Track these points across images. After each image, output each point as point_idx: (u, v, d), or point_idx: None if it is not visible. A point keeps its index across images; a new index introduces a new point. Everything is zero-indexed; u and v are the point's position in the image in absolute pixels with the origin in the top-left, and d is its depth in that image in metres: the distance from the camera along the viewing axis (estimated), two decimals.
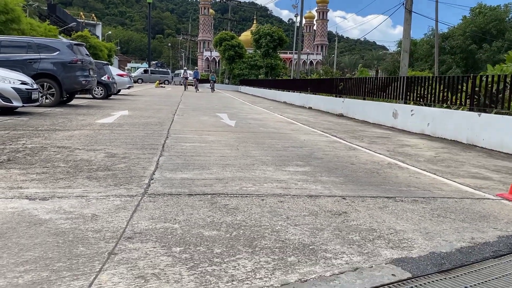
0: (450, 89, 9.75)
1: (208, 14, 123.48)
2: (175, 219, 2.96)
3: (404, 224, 3.08)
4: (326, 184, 4.32)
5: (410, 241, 2.71)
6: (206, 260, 2.28)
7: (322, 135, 8.83)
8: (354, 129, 10.58)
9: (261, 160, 5.50)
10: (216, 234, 2.68)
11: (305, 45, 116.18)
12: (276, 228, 2.86)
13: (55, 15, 37.61)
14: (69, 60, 12.05)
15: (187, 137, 7.33)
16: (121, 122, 9.00)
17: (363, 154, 6.54)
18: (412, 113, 10.63)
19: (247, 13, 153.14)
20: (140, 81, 52.41)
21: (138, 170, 4.52)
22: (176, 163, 5.01)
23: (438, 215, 3.37)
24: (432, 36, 46.04)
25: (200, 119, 10.71)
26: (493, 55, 40.21)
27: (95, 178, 4.07)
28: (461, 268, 2.33)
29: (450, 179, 4.88)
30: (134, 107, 13.82)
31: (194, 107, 15.34)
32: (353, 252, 2.49)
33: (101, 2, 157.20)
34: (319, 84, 20.46)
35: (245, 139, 7.43)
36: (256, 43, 47.90)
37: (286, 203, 3.51)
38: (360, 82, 14.73)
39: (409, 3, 17.51)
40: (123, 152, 5.53)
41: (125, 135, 7.12)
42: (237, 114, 13.30)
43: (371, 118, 12.88)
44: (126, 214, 3.04)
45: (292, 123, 11.24)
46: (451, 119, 9.19)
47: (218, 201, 3.47)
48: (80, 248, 2.37)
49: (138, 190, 3.71)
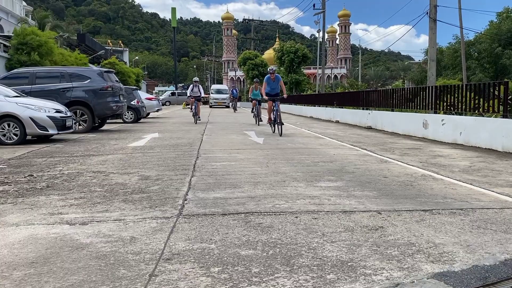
0: (481, 96, 9.53)
1: (231, 34, 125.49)
2: (211, 239, 2.99)
3: (443, 237, 3.01)
4: (359, 198, 4.27)
5: (451, 255, 2.64)
6: (245, 279, 2.29)
7: (352, 148, 8.75)
8: (384, 141, 10.44)
9: (291, 176, 5.50)
10: (253, 253, 2.69)
11: (328, 60, 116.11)
12: (313, 245, 2.84)
13: (84, 44, 39.08)
14: (100, 87, 12.47)
15: (217, 156, 7.42)
16: (152, 145, 9.20)
17: (395, 166, 6.44)
18: (443, 123, 10.41)
19: (269, 31, 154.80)
20: (168, 103, 53.44)
21: (172, 192, 4.60)
22: (208, 182, 5.07)
23: (478, 226, 3.28)
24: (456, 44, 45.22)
25: (229, 138, 10.81)
26: None
27: (131, 201, 4.16)
28: (507, 281, 2.25)
29: (488, 189, 4.74)
30: (163, 129, 14.10)
31: (221, 126, 15.51)
32: (393, 267, 2.44)
33: (127, 29, 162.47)
34: (345, 98, 20.37)
35: (274, 156, 7.45)
36: (279, 60, 48.25)
37: (321, 219, 3.49)
38: (388, 94, 14.58)
39: (433, 12, 17.34)
40: (156, 174, 5.65)
41: (157, 157, 7.27)
42: (264, 131, 13.34)
43: (401, 129, 12.68)
44: (163, 235, 3.09)
45: (320, 138, 11.19)
46: (484, 127, 8.95)
47: (252, 219, 3.48)
48: (122, 271, 2.42)
49: (173, 211, 3.78)
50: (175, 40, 71.65)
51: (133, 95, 18.01)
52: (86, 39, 41.63)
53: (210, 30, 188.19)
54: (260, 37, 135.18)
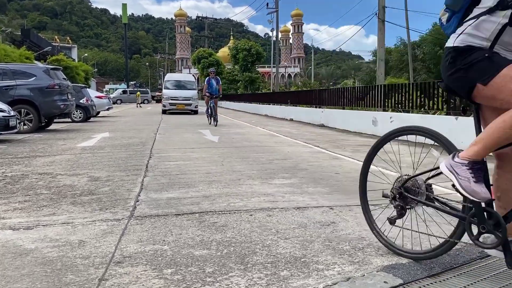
0: (427, 94, 9.98)
1: (185, 32, 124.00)
2: (164, 240, 2.94)
3: (392, 231, 3.11)
4: (313, 195, 4.35)
5: None
6: (199, 280, 2.26)
7: (306, 146, 8.90)
8: (336, 138, 10.69)
9: (246, 174, 5.51)
10: (207, 253, 2.67)
11: (282, 59, 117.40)
12: (267, 242, 2.86)
13: (29, 40, 37.24)
14: (46, 85, 11.93)
15: (171, 155, 7.30)
16: (102, 145, 8.91)
17: (346, 163, 6.61)
18: (391, 120, 10.81)
19: (223, 29, 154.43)
20: (119, 101, 52.14)
21: (123, 193, 4.47)
22: (161, 183, 4.97)
23: (426, 219, 3.42)
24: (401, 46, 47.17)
25: (183, 137, 10.68)
26: None
27: (80, 204, 4.01)
28: (450, 270, 2.37)
29: (435, 184, 4.96)
30: (114, 128, 13.71)
31: (175, 125, 15.29)
32: (344, 262, 2.50)
33: (76, 25, 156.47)
34: (299, 96, 20.69)
35: (229, 154, 7.43)
36: (233, 58, 48.29)
37: (275, 216, 3.52)
38: (339, 92, 14.95)
39: (382, 13, 17.96)
40: (106, 175, 5.47)
41: (107, 158, 7.05)
42: (219, 129, 13.30)
43: (352, 127, 13.05)
44: (113, 238, 2.99)
45: (275, 136, 11.30)
46: (429, 124, 9.32)
47: (207, 219, 3.45)
48: (70, 276, 2.32)
49: (124, 213, 3.67)
50: (126, 37, 69.85)
51: (82, 93, 17.40)
52: (31, 35, 39.70)
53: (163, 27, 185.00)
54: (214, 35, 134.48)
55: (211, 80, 15.17)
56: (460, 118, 8.48)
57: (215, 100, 15.05)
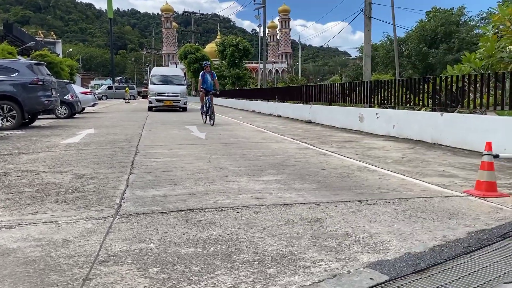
0: (413, 91, 10.06)
1: (171, 27, 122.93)
2: (150, 238, 2.91)
3: (378, 227, 3.13)
4: (299, 191, 4.35)
5: (385, 244, 2.76)
6: (185, 279, 2.24)
7: (293, 142, 8.91)
8: (323, 134, 10.73)
9: (234, 171, 5.49)
10: (193, 251, 2.65)
11: (270, 54, 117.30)
12: (254, 240, 2.85)
13: (11, 35, 36.50)
14: (30, 81, 11.71)
15: (157, 152, 7.23)
16: (87, 141, 8.79)
17: (333, 159, 6.63)
18: (377, 116, 10.89)
19: (210, 25, 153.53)
20: (105, 97, 51.56)
21: (108, 190, 4.41)
22: (147, 180, 4.92)
23: (410, 215, 3.45)
24: (388, 42, 47.53)
25: (169, 133, 10.59)
26: (441, 57, 41.86)
27: (64, 202, 3.95)
28: (435, 266, 2.39)
29: (418, 179, 5.01)
30: (100, 124, 13.54)
31: (162, 121, 15.17)
32: (331, 259, 2.51)
33: (60, 20, 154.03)
34: (286, 92, 20.69)
35: (216, 151, 7.40)
36: (221, 54, 48.02)
37: (262, 213, 3.51)
38: (326, 88, 14.99)
39: (368, 9, 18.03)
40: (91, 173, 5.40)
41: (92, 155, 6.96)
42: (207, 125, 13.23)
43: (338, 123, 13.10)
44: (98, 237, 2.95)
45: (263, 132, 11.28)
46: (415, 120, 9.47)
47: (193, 216, 3.43)
48: (53, 276, 2.29)
49: (109, 211, 3.62)
50: (111, 32, 68.97)
51: (66, 89, 17.12)
52: (13, 29, 38.89)
53: (149, 22, 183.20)
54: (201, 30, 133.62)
55: (205, 75, 13.59)
56: (445, 115, 8.56)
57: (211, 97, 13.47)
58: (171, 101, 21.90)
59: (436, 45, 43.47)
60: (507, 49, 10.21)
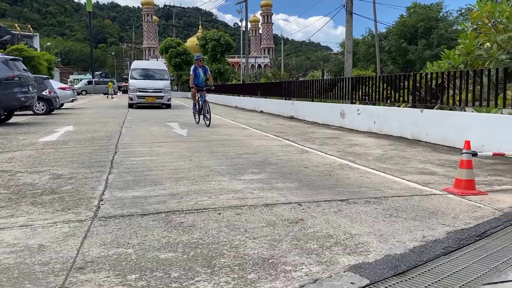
0: (393, 87, 10.15)
1: (152, 21, 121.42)
2: (129, 243, 2.85)
3: (359, 228, 3.14)
4: (281, 190, 4.34)
5: (366, 245, 2.76)
6: (164, 286, 2.20)
7: (275, 139, 8.89)
8: (305, 131, 10.75)
9: (215, 170, 5.44)
10: (173, 256, 2.60)
11: (252, 49, 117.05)
12: (235, 243, 2.82)
13: None
14: (5, 77, 11.41)
15: (137, 150, 7.13)
16: (65, 139, 8.61)
17: (315, 156, 6.64)
18: (358, 113, 10.96)
19: (192, 18, 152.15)
20: (84, 92, 50.70)
21: (87, 191, 4.32)
22: (127, 180, 4.84)
23: (390, 215, 3.47)
24: (369, 37, 47.94)
25: (150, 130, 10.46)
26: (421, 53, 42.48)
27: (41, 204, 3.85)
28: (415, 268, 2.40)
29: (399, 177, 5.06)
30: (79, 121, 13.29)
31: (143, 118, 14.98)
32: (312, 262, 2.49)
33: (37, 13, 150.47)
34: (269, 88, 20.66)
35: (198, 149, 7.33)
36: (202, 48, 47.67)
37: (243, 215, 3.48)
38: (308, 84, 15.01)
39: (350, 5, 18.10)
40: (69, 172, 5.29)
41: (70, 153, 6.82)
42: (188, 122, 13.12)
43: (320, 119, 13.15)
44: (75, 241, 2.88)
45: (245, 129, 11.24)
46: (395, 116, 9.56)
47: (173, 219, 3.38)
48: (27, 285, 2.22)
49: (87, 213, 3.55)
50: (90, 26, 67.58)
51: (44, 84, 16.77)
52: None
53: (129, 15, 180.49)
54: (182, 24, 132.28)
55: (198, 70, 12.23)
56: (425, 111, 8.67)
57: (204, 94, 12.20)
58: (153, 97, 20.47)
59: (416, 40, 44.02)
60: (485, 46, 10.38)
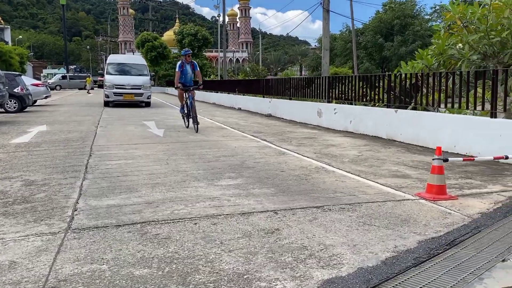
0: (369, 87, 10.29)
1: (128, 14, 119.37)
2: (103, 258, 2.82)
3: (333, 237, 3.19)
4: (258, 197, 4.36)
5: (339, 257, 2.81)
6: None
7: (253, 140, 8.91)
8: (283, 130, 10.80)
9: (192, 175, 5.42)
10: (148, 272, 2.59)
11: (230, 43, 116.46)
12: (210, 257, 2.82)
13: None
14: None
15: (112, 153, 7.04)
16: (39, 141, 8.42)
17: (292, 159, 6.69)
18: (335, 112, 11.07)
19: (169, 11, 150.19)
20: (59, 87, 49.57)
21: (60, 200, 4.25)
22: (101, 187, 4.78)
23: (364, 223, 3.54)
24: (347, 32, 48.41)
25: (126, 130, 10.33)
26: (397, 49, 43.21)
27: (12, 214, 3.77)
28: (386, 282, 2.46)
29: (373, 180, 5.15)
30: (52, 120, 13.00)
31: (118, 116, 14.75)
32: (286, 277, 2.52)
33: (8, 4, 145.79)
34: (247, 85, 20.64)
35: (174, 151, 7.29)
36: (179, 43, 47.20)
37: (220, 225, 3.49)
38: (286, 83, 15.06)
39: (327, 3, 18.20)
40: (42, 178, 5.19)
41: (44, 157, 6.68)
42: (165, 121, 13.02)
43: (298, 117, 13.23)
44: (48, 257, 2.84)
45: (223, 128, 11.22)
46: (371, 116, 9.70)
47: (149, 230, 3.36)
48: None
49: (60, 225, 3.49)
50: (64, 18, 66.02)
51: (16, 81, 16.30)
52: None
53: (105, 8, 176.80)
54: (159, 17, 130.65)
55: (185, 66, 10.71)
56: (399, 111, 8.82)
57: (192, 93, 10.59)
58: (132, 94, 18.85)
59: (392, 37, 44.68)
60: (457, 46, 10.62)
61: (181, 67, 10.70)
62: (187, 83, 10.83)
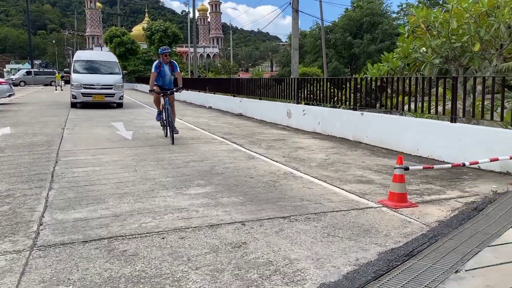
0: (337, 89, 10.49)
1: (95, 7, 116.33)
2: (69, 278, 2.82)
3: (298, 251, 3.29)
4: (226, 207, 4.42)
5: (303, 272, 2.91)
6: None
7: (223, 142, 8.94)
8: (253, 131, 10.87)
9: (161, 183, 5.42)
10: None
11: (200, 39, 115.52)
12: (177, 275, 2.87)
13: None
14: None
15: (79, 159, 6.93)
16: (2, 146, 8.19)
17: (261, 163, 6.77)
18: (304, 113, 11.24)
19: (138, 5, 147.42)
20: (23, 83, 47.95)
21: (25, 213, 4.19)
22: (68, 197, 4.73)
23: (328, 234, 3.66)
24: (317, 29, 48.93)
25: (93, 133, 10.16)
26: (366, 47, 44.10)
27: None
28: None
29: (339, 187, 5.29)
30: (16, 121, 12.62)
31: (86, 116, 14.46)
32: None
33: None
34: (218, 84, 20.59)
35: (143, 156, 7.25)
36: (149, 39, 46.52)
37: (187, 239, 3.53)
38: (256, 82, 15.13)
39: (296, 3, 18.35)
40: (6, 189, 5.08)
41: (8, 164, 6.53)
42: (134, 121, 12.87)
43: (268, 117, 13.34)
44: (12, 279, 2.81)
45: (193, 130, 11.21)
46: (338, 118, 9.91)
47: (116, 246, 3.37)
48: None
49: (25, 242, 3.45)
50: (28, 11, 63.76)
51: None
52: None
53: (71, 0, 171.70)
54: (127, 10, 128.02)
55: (163, 67, 9.33)
56: (365, 114, 9.05)
57: (170, 98, 9.32)
58: (102, 95, 17.44)
59: (361, 35, 45.47)
60: (421, 50, 10.96)
61: (158, 68, 9.32)
62: (166, 86, 9.52)
